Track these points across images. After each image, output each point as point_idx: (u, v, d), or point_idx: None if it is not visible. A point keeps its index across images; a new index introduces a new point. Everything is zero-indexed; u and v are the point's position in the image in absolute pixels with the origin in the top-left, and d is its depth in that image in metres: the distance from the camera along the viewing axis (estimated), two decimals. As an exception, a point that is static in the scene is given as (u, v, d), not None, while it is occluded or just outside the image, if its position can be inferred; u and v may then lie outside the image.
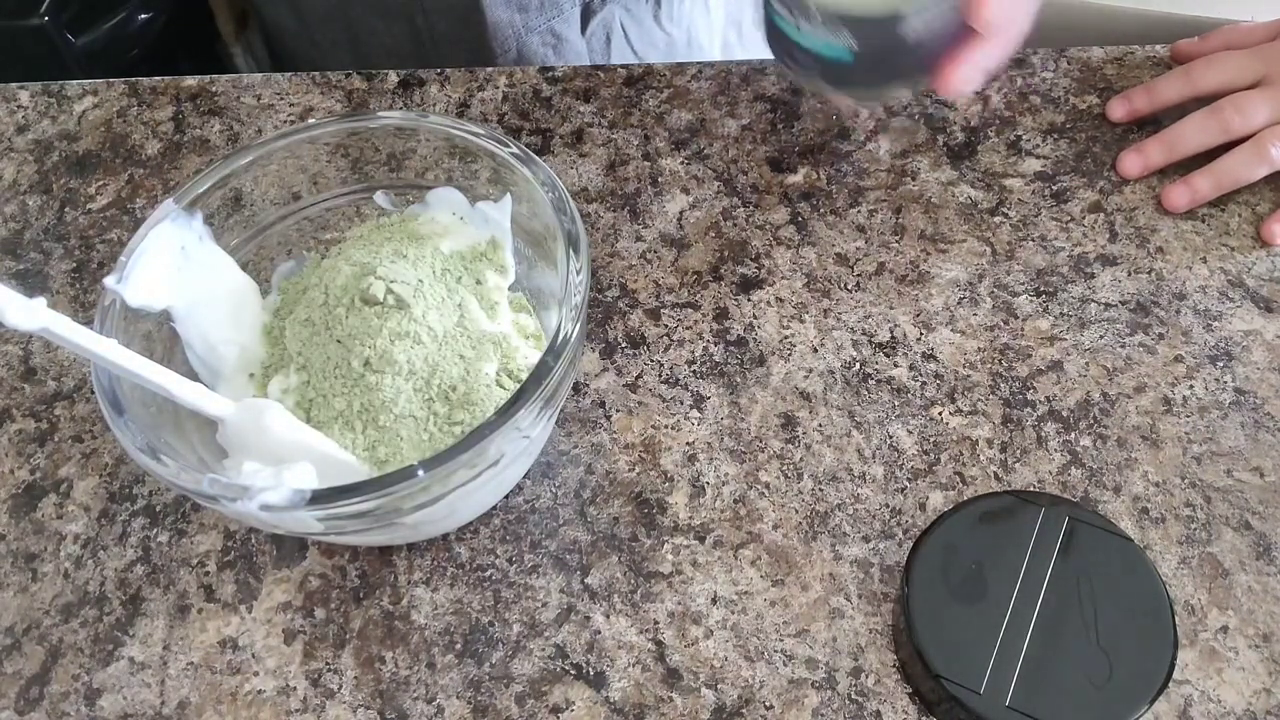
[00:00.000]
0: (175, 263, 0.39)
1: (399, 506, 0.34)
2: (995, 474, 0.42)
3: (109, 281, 0.37)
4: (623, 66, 0.57)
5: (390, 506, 0.33)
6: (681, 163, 0.52)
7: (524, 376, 0.38)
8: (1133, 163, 0.50)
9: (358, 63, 0.64)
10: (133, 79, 0.58)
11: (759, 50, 0.75)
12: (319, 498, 0.32)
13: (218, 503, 0.33)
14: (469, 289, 0.40)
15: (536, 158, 0.40)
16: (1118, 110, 0.52)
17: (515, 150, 0.40)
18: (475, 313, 0.40)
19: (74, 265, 0.50)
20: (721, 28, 0.72)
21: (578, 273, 0.37)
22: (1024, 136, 0.52)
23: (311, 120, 0.42)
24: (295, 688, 0.38)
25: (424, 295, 0.38)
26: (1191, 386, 0.44)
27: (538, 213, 0.40)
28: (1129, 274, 0.47)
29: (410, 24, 0.63)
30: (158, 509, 0.42)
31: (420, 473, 0.32)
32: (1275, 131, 0.48)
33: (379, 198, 0.44)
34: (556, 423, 0.43)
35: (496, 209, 0.41)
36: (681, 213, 0.50)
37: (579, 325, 0.36)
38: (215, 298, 0.40)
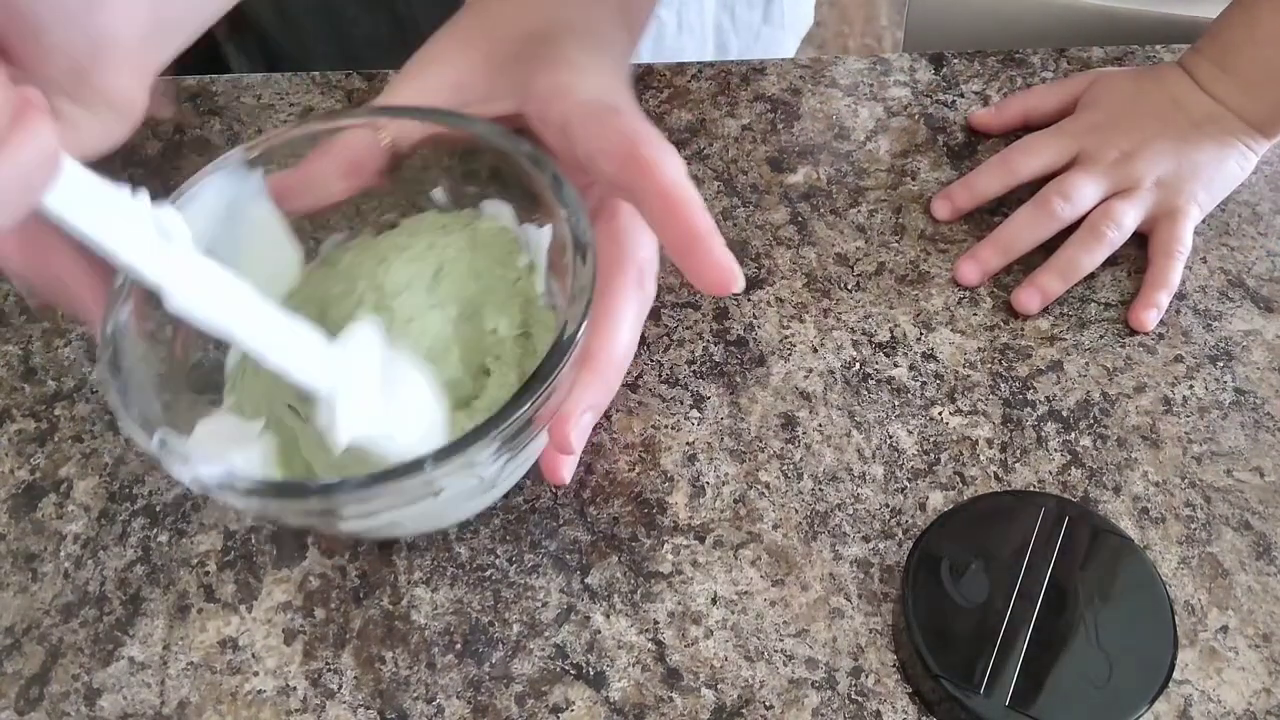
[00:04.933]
0: (224, 212, 0.38)
1: (338, 513, 0.33)
2: (995, 474, 0.42)
3: None
4: (623, 66, 0.57)
5: (327, 510, 0.33)
6: (681, 163, 0.52)
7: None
8: (970, 270, 0.47)
9: (342, 56, 0.64)
10: (133, 79, 0.58)
11: (753, 37, 0.76)
12: (252, 488, 0.31)
13: (161, 465, 0.32)
14: (497, 308, 0.38)
15: (570, 188, 0.37)
16: (941, 210, 0.50)
17: (552, 176, 0.37)
18: (502, 329, 0.38)
19: (74, 265, 0.50)
20: (714, 12, 0.71)
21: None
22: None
23: (399, 106, 0.40)
24: (295, 688, 0.38)
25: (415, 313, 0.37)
26: (1191, 386, 0.44)
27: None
28: (1129, 274, 0.47)
29: (392, 13, 0.63)
30: (158, 509, 0.42)
31: (341, 493, 0.31)
32: (1104, 212, 0.47)
33: (437, 194, 0.42)
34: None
35: (539, 234, 0.39)
36: (681, 213, 0.50)
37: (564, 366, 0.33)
38: (257, 255, 0.39)
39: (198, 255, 0.30)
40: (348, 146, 0.39)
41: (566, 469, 0.36)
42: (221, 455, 0.34)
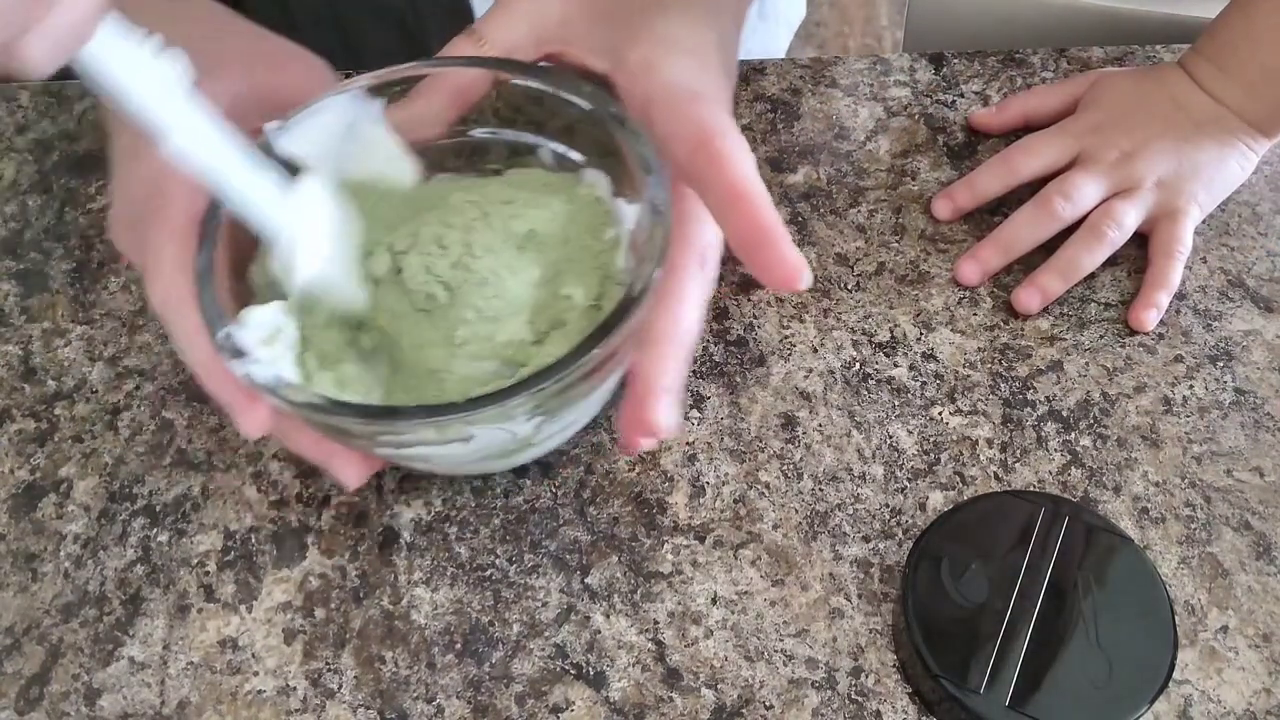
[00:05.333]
0: (343, 132, 0.39)
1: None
2: (995, 474, 0.42)
3: (269, 126, 0.37)
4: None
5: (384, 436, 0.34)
6: (681, 163, 0.52)
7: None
8: (970, 270, 0.47)
9: (350, 64, 0.64)
10: (133, 79, 0.58)
11: (749, 32, 0.75)
12: (299, 399, 0.32)
13: (222, 355, 0.34)
14: (576, 276, 0.38)
15: (656, 160, 0.37)
16: (942, 209, 0.50)
17: (642, 150, 0.37)
18: (578, 297, 0.38)
19: (74, 265, 0.50)
20: None
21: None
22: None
23: (513, 61, 0.40)
24: (295, 688, 0.38)
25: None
26: (1191, 386, 0.44)
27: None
28: (1129, 274, 0.47)
29: (400, 23, 0.63)
30: (158, 509, 0.42)
31: (384, 419, 0.32)
32: (1105, 211, 0.47)
33: (543, 154, 0.42)
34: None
35: (628, 210, 0.39)
36: (681, 213, 0.50)
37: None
38: (375, 169, 0.40)
39: (195, 101, 0.32)
40: (452, 79, 0.40)
41: (646, 441, 0.35)
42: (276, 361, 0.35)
